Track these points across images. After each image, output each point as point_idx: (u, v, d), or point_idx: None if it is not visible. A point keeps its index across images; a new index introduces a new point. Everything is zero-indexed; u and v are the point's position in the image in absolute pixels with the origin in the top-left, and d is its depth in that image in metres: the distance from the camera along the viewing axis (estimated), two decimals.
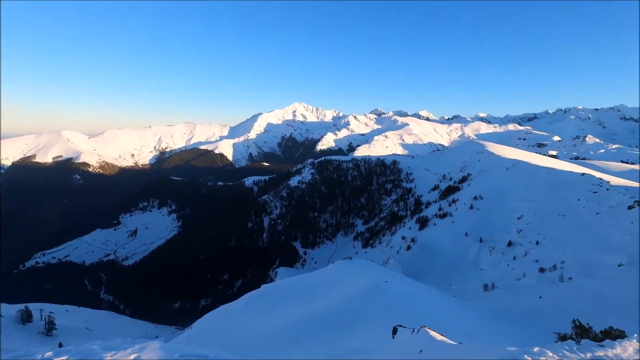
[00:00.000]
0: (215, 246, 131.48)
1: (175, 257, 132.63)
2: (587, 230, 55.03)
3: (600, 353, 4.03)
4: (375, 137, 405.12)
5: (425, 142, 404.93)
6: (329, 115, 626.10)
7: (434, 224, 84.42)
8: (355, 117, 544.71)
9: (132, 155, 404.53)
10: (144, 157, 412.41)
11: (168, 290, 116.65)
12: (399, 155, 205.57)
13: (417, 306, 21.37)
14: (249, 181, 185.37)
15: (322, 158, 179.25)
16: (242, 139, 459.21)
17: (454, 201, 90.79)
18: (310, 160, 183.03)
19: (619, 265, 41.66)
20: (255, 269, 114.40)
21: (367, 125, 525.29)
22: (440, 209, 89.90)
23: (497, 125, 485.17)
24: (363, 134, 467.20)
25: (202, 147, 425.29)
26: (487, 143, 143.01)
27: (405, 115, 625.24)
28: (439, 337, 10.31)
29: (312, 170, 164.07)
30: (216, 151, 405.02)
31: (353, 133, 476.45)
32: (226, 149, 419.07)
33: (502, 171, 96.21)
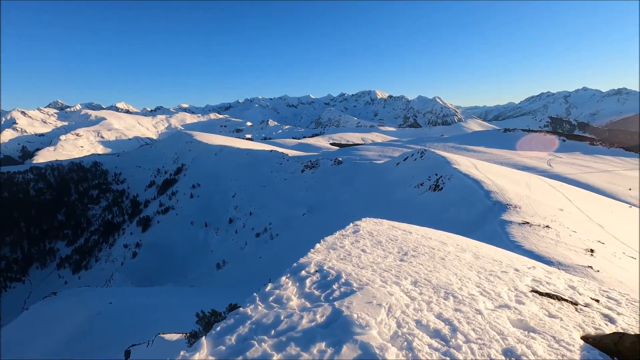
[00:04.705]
0: None
1: None
2: (281, 194, 70.37)
3: None
4: (63, 137, 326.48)
5: (131, 136, 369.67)
6: None
7: (158, 222, 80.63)
8: (24, 113, 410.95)
9: None
10: None
11: None
12: (100, 155, 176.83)
13: (154, 314, 20.01)
14: None
15: None
16: None
17: (173, 193, 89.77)
18: None
19: (303, 214, 56.36)
20: None
21: (46, 122, 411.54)
22: (161, 205, 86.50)
23: (200, 115, 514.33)
24: (43, 134, 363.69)
25: None
26: (195, 132, 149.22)
27: (99, 108, 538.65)
28: (175, 337, 10.14)
29: None
30: None
31: (26, 134, 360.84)
32: None
33: (212, 157, 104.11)
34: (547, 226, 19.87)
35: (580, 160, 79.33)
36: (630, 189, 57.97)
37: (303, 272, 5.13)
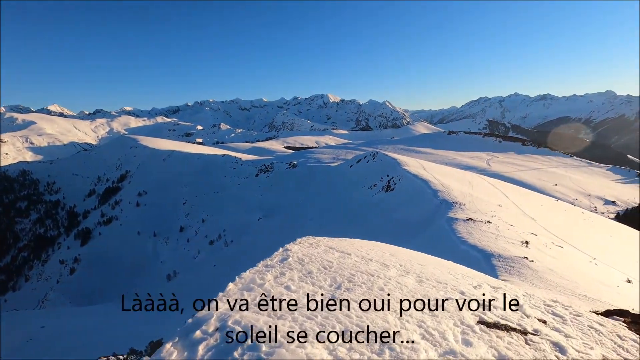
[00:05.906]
0: None
1: None
2: (236, 199, 68.61)
3: None
4: None
5: (66, 142, 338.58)
6: None
7: (100, 234, 74.68)
8: None
9: None
10: None
11: None
12: (29, 162, 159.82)
13: (94, 336, 18.40)
14: None
15: None
16: None
17: (117, 203, 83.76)
18: None
19: (258, 219, 55.36)
20: None
21: None
22: (103, 215, 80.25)
23: (146, 118, 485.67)
24: None
25: None
26: (140, 137, 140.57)
27: (27, 111, 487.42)
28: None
29: None
30: None
31: None
32: None
33: (160, 163, 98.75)
34: (488, 221, 21.41)
35: (514, 159, 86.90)
36: (556, 185, 64.49)
37: (198, 333, 3.56)
